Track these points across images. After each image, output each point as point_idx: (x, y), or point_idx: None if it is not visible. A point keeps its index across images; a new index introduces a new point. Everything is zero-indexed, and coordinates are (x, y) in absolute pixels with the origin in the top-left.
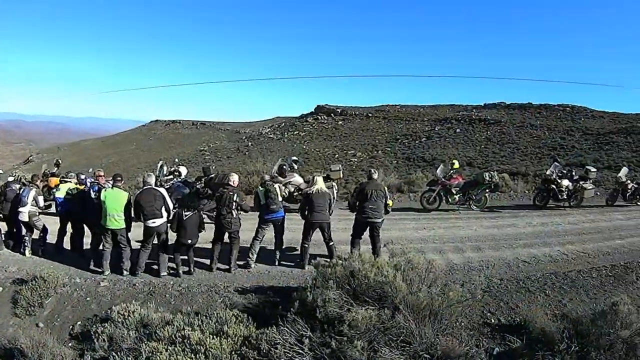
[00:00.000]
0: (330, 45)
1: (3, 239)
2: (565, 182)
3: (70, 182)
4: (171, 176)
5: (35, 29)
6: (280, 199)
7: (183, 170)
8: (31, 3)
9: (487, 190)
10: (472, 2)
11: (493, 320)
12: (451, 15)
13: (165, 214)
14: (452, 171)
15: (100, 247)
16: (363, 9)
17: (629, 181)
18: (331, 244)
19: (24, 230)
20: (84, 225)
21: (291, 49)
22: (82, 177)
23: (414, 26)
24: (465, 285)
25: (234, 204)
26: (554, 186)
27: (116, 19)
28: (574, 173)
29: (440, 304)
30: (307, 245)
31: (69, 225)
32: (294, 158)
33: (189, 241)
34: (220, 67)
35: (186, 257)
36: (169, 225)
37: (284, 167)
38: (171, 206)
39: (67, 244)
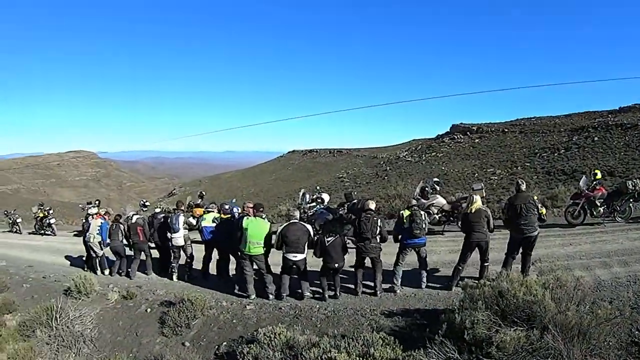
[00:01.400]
0: (465, 60)
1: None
2: None
3: (213, 211)
4: (314, 203)
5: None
6: (424, 225)
7: (325, 197)
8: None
9: (631, 200)
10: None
11: None
12: (588, 15)
13: (306, 251)
14: (594, 182)
15: (244, 273)
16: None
17: None
18: (486, 264)
19: (172, 257)
20: (228, 252)
21: (423, 71)
22: (227, 207)
23: (535, 26)
24: (613, 302)
25: (378, 229)
26: None
27: (251, 53)
28: None
29: (588, 322)
30: (461, 268)
31: (214, 252)
32: (436, 179)
33: (336, 265)
34: (353, 94)
35: (332, 282)
36: (312, 251)
37: (426, 189)
38: (313, 238)
39: (212, 270)
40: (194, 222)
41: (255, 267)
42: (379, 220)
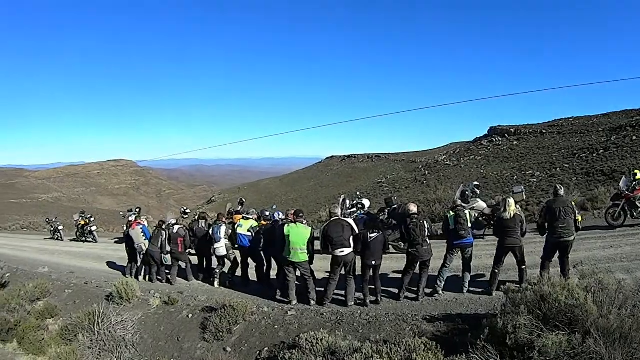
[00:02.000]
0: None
1: (191, 271)
2: None
3: (251, 218)
4: (354, 209)
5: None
6: (469, 225)
7: (366, 203)
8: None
9: None
10: None
11: None
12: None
13: (352, 244)
14: (634, 183)
15: (288, 279)
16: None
17: None
18: (523, 267)
19: (214, 264)
20: (271, 258)
21: (463, 70)
22: (267, 213)
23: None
24: None
25: (427, 231)
26: None
27: (293, 59)
28: None
29: (630, 326)
30: (497, 271)
31: (250, 259)
32: (476, 183)
33: (373, 262)
34: (389, 99)
35: (374, 287)
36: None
37: (467, 192)
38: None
39: (253, 276)
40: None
41: (298, 273)
42: (426, 222)
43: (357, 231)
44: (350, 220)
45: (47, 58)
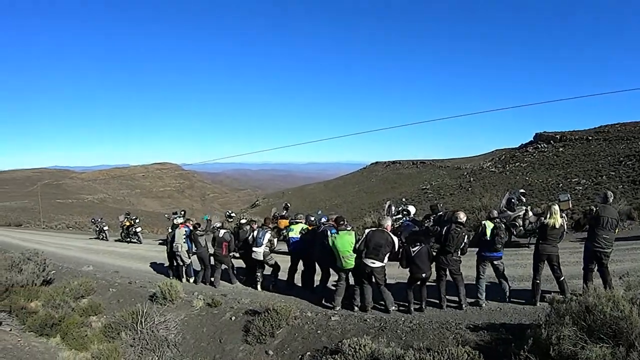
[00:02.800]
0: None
1: (235, 274)
2: None
3: (301, 222)
4: (399, 215)
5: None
6: (504, 241)
7: (412, 209)
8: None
9: None
10: None
11: None
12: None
13: (386, 260)
14: None
15: (338, 285)
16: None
17: None
18: (562, 278)
19: (257, 267)
20: (315, 263)
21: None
22: (312, 218)
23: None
24: None
25: (463, 244)
26: None
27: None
28: None
29: None
30: (538, 281)
31: (299, 263)
32: (522, 191)
33: (423, 275)
34: (440, 103)
35: (418, 293)
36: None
37: (513, 200)
38: (397, 251)
39: (297, 280)
40: (276, 243)
41: (352, 281)
42: (467, 236)
43: (396, 249)
44: (395, 238)
45: (97, 61)
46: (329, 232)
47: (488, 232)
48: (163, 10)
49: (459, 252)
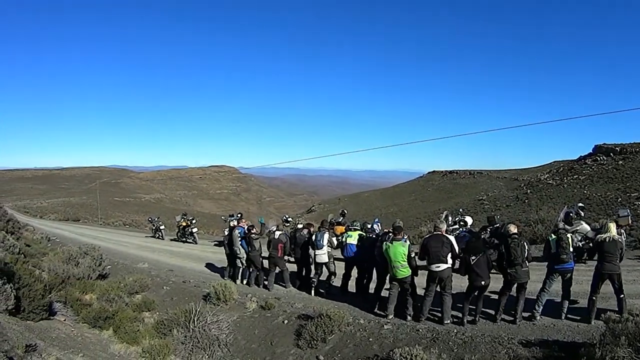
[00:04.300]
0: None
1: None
2: None
3: (357, 229)
4: (456, 226)
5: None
6: (571, 249)
7: (469, 220)
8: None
9: None
10: None
11: None
12: None
13: (450, 261)
14: None
15: (390, 293)
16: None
17: None
18: (621, 296)
19: (312, 272)
20: (371, 271)
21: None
22: (369, 226)
23: None
24: None
25: (527, 252)
26: None
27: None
28: None
29: None
30: (595, 299)
31: (354, 270)
32: (580, 204)
33: (482, 283)
34: (499, 113)
35: (474, 307)
36: (457, 269)
37: (571, 214)
38: (457, 252)
39: (351, 287)
40: (335, 243)
41: (401, 288)
42: (526, 244)
43: (457, 249)
44: (452, 238)
45: (161, 64)
46: (391, 239)
47: (553, 245)
48: (228, 10)
49: (527, 262)
